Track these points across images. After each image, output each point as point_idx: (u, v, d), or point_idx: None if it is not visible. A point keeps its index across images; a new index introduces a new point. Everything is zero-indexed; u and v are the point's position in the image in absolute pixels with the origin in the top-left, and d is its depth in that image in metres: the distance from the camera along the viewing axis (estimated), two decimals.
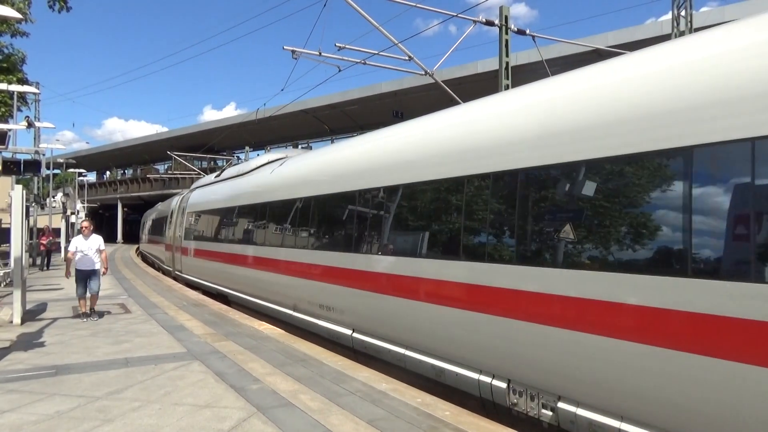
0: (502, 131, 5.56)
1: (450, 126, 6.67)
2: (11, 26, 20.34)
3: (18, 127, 19.49)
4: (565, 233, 4.64)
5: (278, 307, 10.38)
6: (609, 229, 4.38)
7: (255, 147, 52.77)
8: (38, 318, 10.78)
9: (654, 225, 4.08)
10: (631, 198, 4.26)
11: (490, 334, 5.30)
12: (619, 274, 4.19)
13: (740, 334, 3.41)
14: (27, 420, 4.98)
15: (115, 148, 67.59)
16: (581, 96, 4.85)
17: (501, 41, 14.48)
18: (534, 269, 4.87)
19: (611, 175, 4.39)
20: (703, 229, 3.76)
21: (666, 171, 4.04)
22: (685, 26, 16.54)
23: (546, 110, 5.14)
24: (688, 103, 3.86)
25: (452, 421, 4.90)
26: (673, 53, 4.36)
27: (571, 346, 4.45)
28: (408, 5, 13.42)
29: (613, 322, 4.17)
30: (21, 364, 7.06)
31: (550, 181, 4.89)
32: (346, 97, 38.50)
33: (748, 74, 3.56)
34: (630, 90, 4.37)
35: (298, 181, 10.38)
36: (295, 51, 12.91)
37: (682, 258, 3.82)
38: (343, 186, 8.37)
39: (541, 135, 5.01)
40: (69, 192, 45.04)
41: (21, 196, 10.45)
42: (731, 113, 3.58)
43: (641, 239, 4.16)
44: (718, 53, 3.92)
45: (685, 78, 3.98)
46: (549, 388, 4.75)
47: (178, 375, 6.53)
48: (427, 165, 6.53)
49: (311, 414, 5.09)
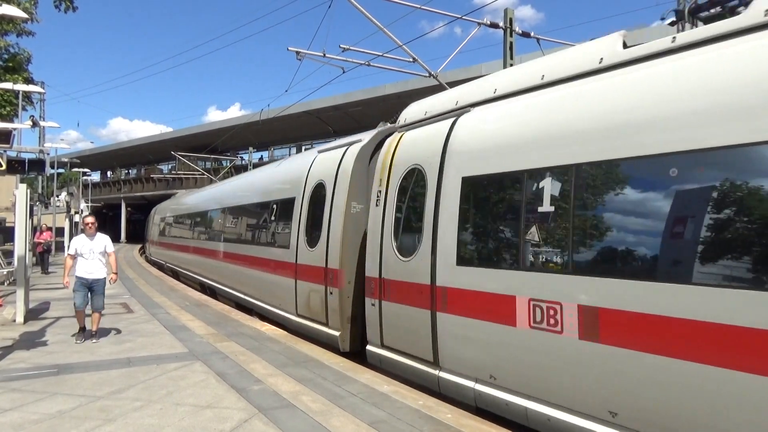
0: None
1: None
2: (17, 26, 20.44)
3: (23, 126, 19.55)
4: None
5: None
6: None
7: (259, 148, 52.90)
8: (41, 317, 10.79)
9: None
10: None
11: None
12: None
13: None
14: (29, 419, 4.99)
15: (119, 148, 67.76)
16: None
17: (505, 44, 14.47)
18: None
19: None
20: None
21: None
22: (690, 29, 16.48)
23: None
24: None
25: (454, 424, 4.88)
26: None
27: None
28: (413, 7, 13.42)
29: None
30: (23, 363, 7.08)
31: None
32: (350, 98, 38.51)
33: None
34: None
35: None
36: (300, 52, 12.90)
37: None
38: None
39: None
40: (73, 191, 45.21)
41: (25, 195, 10.48)
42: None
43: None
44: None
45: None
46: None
47: (179, 375, 6.53)
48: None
49: (312, 415, 5.08)
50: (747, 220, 3.57)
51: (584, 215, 4.53)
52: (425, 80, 16.42)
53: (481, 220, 5.59)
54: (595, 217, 4.47)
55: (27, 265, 10.84)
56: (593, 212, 4.49)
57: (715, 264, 3.68)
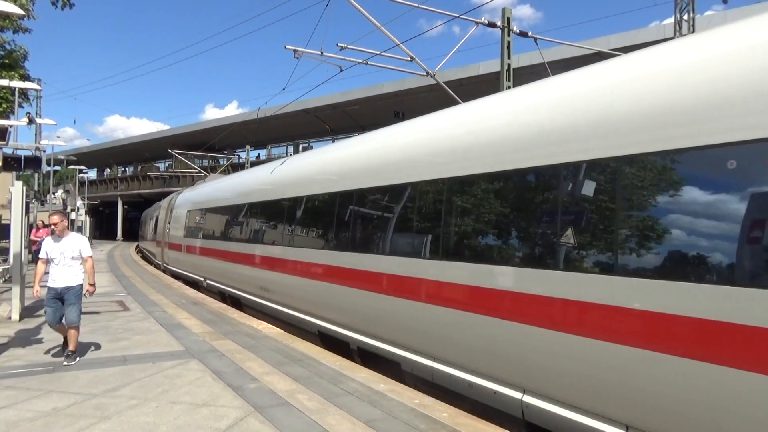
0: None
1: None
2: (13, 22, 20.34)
3: (19, 124, 19.52)
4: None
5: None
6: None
7: (256, 146, 52.82)
8: (36, 314, 10.74)
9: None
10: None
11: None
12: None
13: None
14: (23, 416, 4.97)
15: (116, 146, 67.60)
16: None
17: (503, 43, 14.49)
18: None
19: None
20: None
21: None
22: (687, 30, 16.54)
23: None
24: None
25: (450, 422, 4.88)
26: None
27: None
28: (410, 6, 13.41)
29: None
30: (18, 361, 7.05)
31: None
32: (347, 97, 38.51)
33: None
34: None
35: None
36: (297, 50, 12.89)
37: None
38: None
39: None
40: (69, 189, 45.06)
41: (21, 192, 10.45)
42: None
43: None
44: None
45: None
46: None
47: (175, 373, 6.51)
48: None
49: (308, 414, 5.08)
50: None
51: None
52: (423, 79, 16.45)
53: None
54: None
55: (22, 263, 10.81)
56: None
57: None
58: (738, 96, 3.53)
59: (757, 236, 3.42)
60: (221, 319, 10.51)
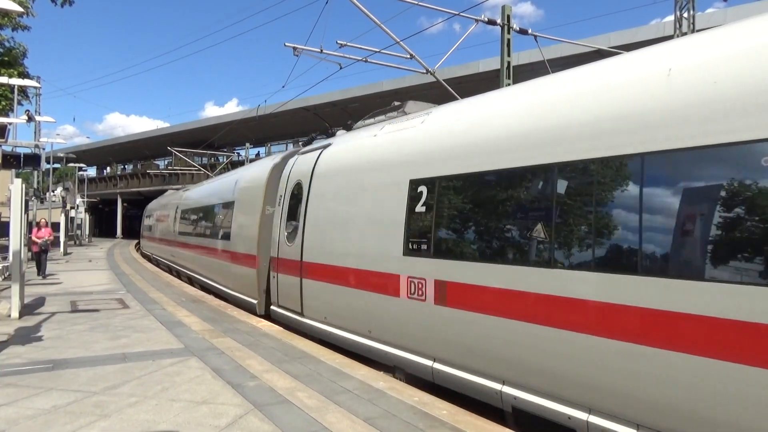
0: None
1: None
2: (13, 20, 20.33)
3: (18, 121, 19.46)
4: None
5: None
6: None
7: (255, 144, 52.78)
8: (36, 312, 10.77)
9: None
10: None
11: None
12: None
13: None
14: (23, 414, 4.98)
15: (115, 143, 67.50)
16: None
17: (503, 41, 14.47)
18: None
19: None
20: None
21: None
22: (687, 28, 16.52)
23: None
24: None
25: (449, 420, 4.89)
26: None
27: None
28: (410, 3, 13.38)
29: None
30: (18, 359, 7.06)
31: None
32: (347, 94, 38.48)
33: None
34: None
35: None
36: (297, 48, 12.85)
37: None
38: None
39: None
40: (69, 186, 45.00)
41: (20, 189, 10.45)
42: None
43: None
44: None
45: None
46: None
47: (175, 371, 6.52)
48: None
49: (308, 411, 5.09)
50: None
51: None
52: (423, 77, 16.39)
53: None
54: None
55: (22, 260, 10.81)
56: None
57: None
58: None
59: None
60: (221, 317, 10.52)
